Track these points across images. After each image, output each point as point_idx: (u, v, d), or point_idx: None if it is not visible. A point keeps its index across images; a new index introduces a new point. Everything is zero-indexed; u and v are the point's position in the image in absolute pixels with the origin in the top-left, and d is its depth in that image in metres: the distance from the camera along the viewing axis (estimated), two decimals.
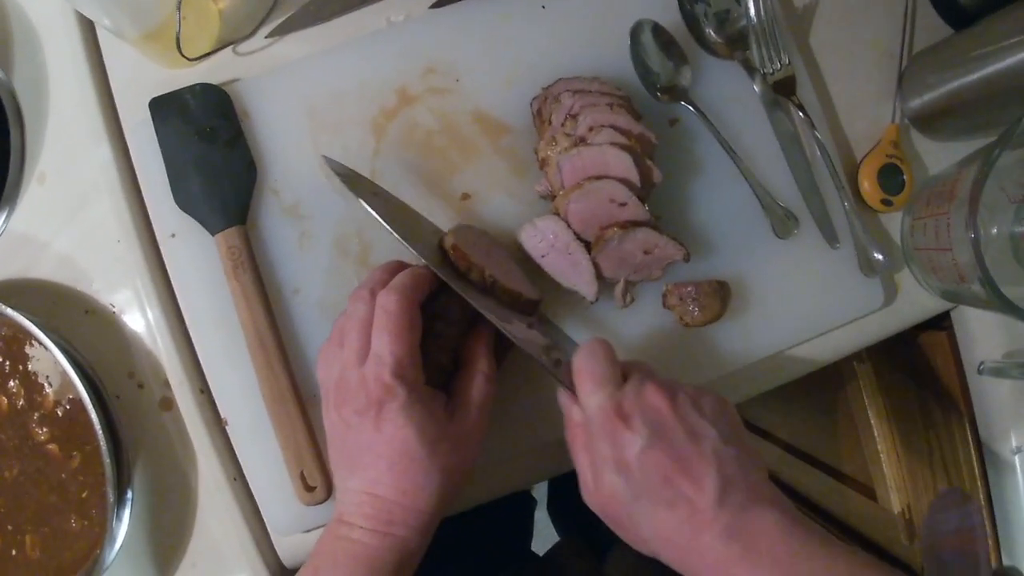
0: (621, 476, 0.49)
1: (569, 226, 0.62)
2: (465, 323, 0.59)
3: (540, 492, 1.28)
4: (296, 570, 0.66)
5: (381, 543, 0.53)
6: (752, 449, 0.51)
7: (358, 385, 0.53)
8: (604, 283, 0.63)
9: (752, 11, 0.66)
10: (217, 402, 0.65)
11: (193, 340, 0.66)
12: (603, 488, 0.51)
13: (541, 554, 1.02)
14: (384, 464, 0.53)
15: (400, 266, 0.59)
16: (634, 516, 0.50)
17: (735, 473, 0.48)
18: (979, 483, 0.75)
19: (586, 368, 0.53)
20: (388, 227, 0.54)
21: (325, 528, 0.56)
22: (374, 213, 0.55)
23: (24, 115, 0.70)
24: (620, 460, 0.49)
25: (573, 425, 0.55)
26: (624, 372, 0.54)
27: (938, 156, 0.71)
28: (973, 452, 0.75)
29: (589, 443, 0.52)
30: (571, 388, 0.55)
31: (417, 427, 0.53)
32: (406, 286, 0.55)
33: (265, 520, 0.66)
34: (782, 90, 0.67)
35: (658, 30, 0.66)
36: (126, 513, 0.65)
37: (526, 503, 1.17)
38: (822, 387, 0.98)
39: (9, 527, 0.66)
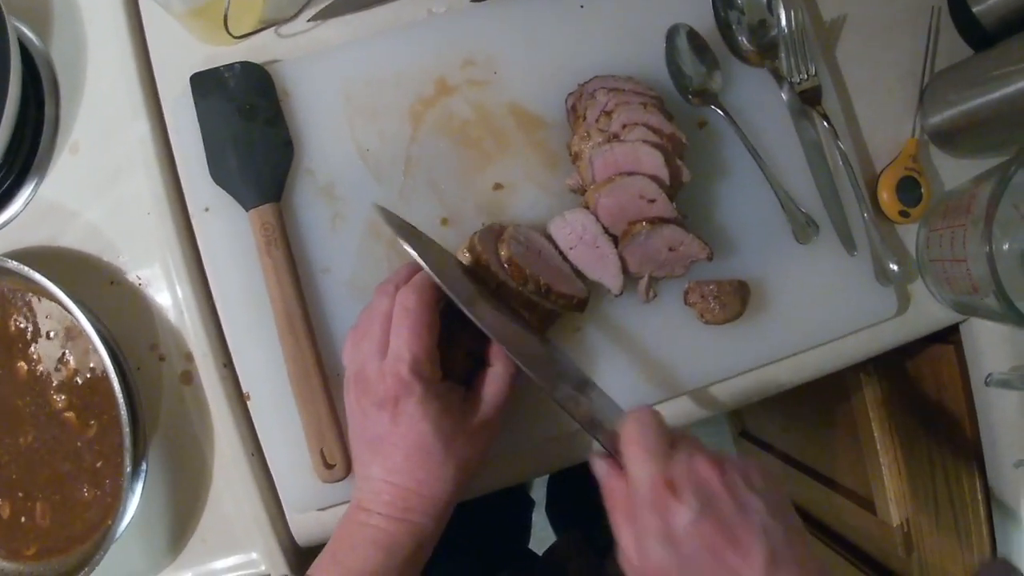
0: (668, 548, 0.48)
1: (598, 220, 0.63)
2: None
3: (538, 494, 1.28)
4: (308, 548, 0.67)
5: (398, 528, 0.54)
6: (798, 522, 0.51)
7: (377, 379, 0.55)
8: (629, 277, 0.64)
9: (784, 23, 0.68)
10: (240, 376, 0.66)
11: (220, 314, 0.67)
12: (648, 560, 0.49)
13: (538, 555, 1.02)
14: (401, 455, 0.55)
15: None
16: None
17: (783, 547, 0.47)
18: (980, 496, 0.76)
19: (636, 437, 0.52)
20: (439, 281, 0.54)
21: (344, 514, 0.57)
22: (427, 267, 0.54)
23: (60, 85, 0.71)
24: (668, 531, 0.48)
25: (615, 493, 0.53)
26: (671, 440, 0.52)
27: (955, 171, 0.74)
28: (975, 466, 0.76)
29: (634, 513, 0.50)
30: (614, 455, 0.53)
31: (432, 422, 0.54)
32: (427, 285, 0.56)
33: (281, 497, 0.66)
34: (808, 100, 0.69)
35: (693, 35, 0.68)
36: (139, 485, 0.65)
37: (524, 504, 1.18)
38: (825, 399, 1.00)
39: (20, 494, 0.66)
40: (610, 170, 0.63)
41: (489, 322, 0.54)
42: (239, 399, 0.66)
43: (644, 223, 0.62)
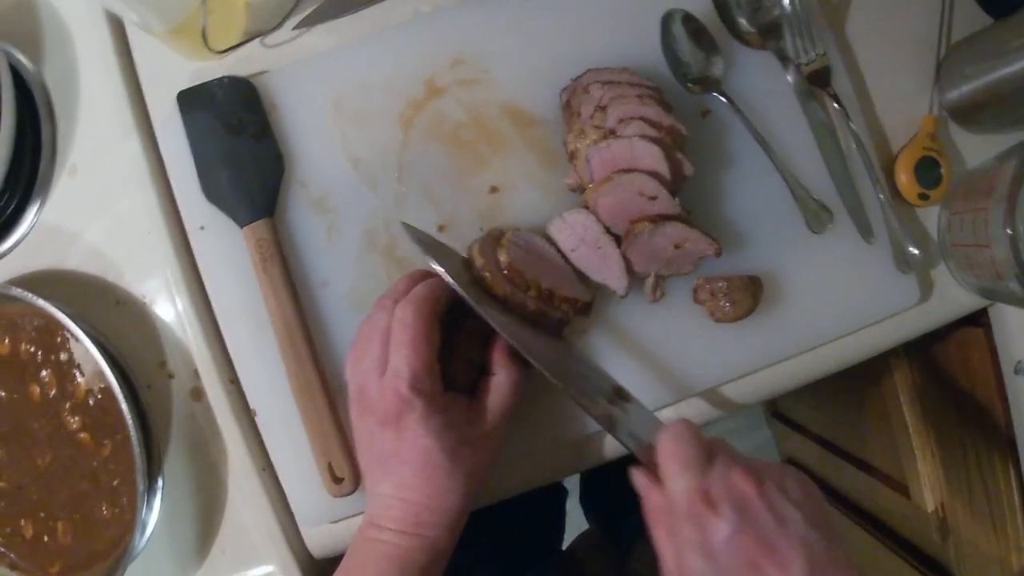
0: (707, 562, 0.47)
1: (599, 220, 0.61)
2: None
3: (572, 482, 1.27)
4: (323, 560, 0.67)
5: (411, 543, 0.54)
6: (836, 529, 0.50)
7: (378, 396, 0.54)
8: (634, 277, 0.62)
9: (786, 1, 0.65)
10: (246, 393, 0.66)
11: (222, 331, 0.66)
12: (686, 572, 0.49)
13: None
14: (409, 470, 0.55)
15: (424, 275, 0.59)
16: None
17: (823, 557, 0.46)
18: (1014, 483, 0.73)
19: (673, 451, 0.51)
20: (469, 301, 0.54)
21: (358, 530, 0.57)
22: (458, 288, 0.55)
23: (55, 108, 0.71)
24: (706, 545, 0.47)
25: (655, 506, 0.53)
26: (708, 452, 0.52)
27: (977, 149, 0.70)
28: (1008, 451, 0.73)
29: (672, 526, 0.50)
30: (652, 468, 0.53)
31: (436, 436, 0.54)
32: (424, 297, 0.56)
33: (293, 511, 0.66)
34: (817, 81, 0.66)
35: (689, 19, 0.65)
36: (156, 501, 0.65)
37: (557, 493, 1.17)
38: (857, 382, 0.97)
39: (42, 514, 0.68)
40: (608, 168, 0.60)
41: (519, 337, 0.55)
42: (247, 415, 0.66)
43: (646, 221, 0.60)
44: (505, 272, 0.58)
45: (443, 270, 0.55)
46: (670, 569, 0.51)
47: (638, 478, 0.54)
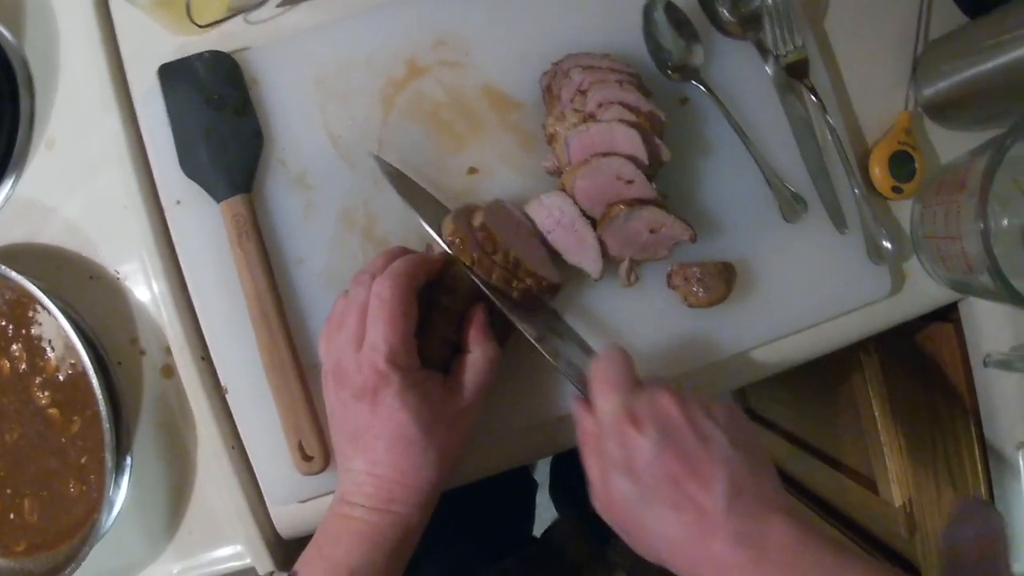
0: (629, 479, 0.49)
1: (575, 202, 0.62)
2: (472, 298, 0.59)
3: (541, 475, 1.27)
4: (291, 540, 0.67)
5: (382, 520, 0.54)
6: (764, 457, 0.51)
7: (354, 371, 0.54)
8: (609, 261, 0.63)
9: None
10: (218, 370, 0.65)
11: (195, 307, 0.66)
12: (611, 492, 0.50)
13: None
14: (382, 446, 0.54)
15: (402, 252, 0.59)
16: (641, 521, 0.49)
17: (745, 478, 0.47)
18: (982, 478, 0.74)
19: (602, 373, 0.53)
20: (430, 231, 0.57)
21: (329, 508, 0.57)
22: (427, 227, 0.57)
23: (35, 81, 0.70)
24: (629, 463, 0.49)
25: (585, 431, 0.54)
26: (638, 380, 0.54)
27: (950, 145, 0.71)
28: (976, 447, 0.74)
29: (599, 447, 0.52)
30: (585, 393, 0.55)
31: (412, 411, 0.53)
32: (401, 272, 0.55)
33: (262, 489, 0.65)
34: (795, 73, 0.67)
35: (671, 8, 0.66)
36: (124, 479, 0.65)
37: (527, 486, 1.17)
38: (827, 378, 0.98)
39: (8, 491, 0.67)
40: (586, 151, 0.61)
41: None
42: (218, 392, 0.65)
43: (622, 205, 0.60)
44: (478, 234, 0.57)
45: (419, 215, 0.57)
46: (597, 491, 0.52)
47: (574, 406, 0.56)
